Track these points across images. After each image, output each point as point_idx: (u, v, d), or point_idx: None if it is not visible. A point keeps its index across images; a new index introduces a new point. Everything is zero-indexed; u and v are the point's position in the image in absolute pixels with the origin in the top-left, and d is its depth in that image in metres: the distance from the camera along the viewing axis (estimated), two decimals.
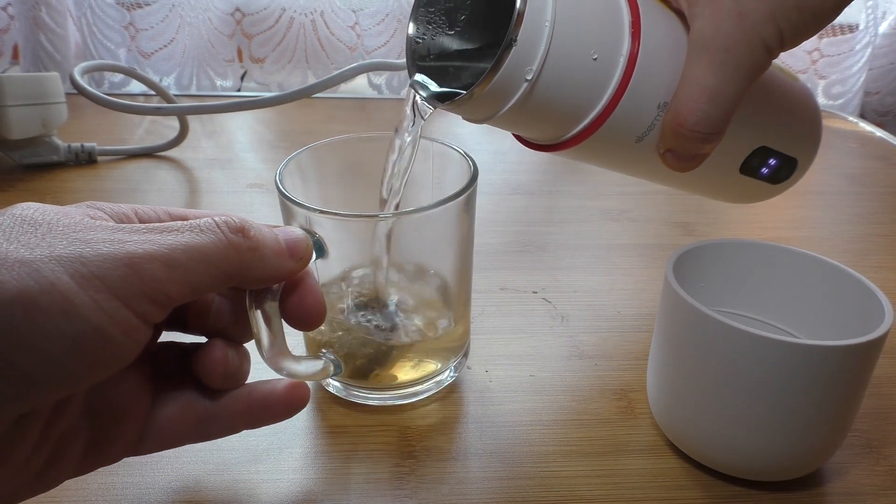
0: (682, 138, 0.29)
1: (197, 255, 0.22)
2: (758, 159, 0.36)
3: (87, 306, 0.20)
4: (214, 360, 0.26)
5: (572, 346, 0.40)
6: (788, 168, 0.38)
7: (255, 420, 0.28)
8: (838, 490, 0.31)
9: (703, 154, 0.30)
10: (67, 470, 0.24)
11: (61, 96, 0.62)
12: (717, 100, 0.28)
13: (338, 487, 0.30)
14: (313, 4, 0.89)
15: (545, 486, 0.30)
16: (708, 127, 0.28)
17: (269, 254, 0.25)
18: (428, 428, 0.34)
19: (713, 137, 0.29)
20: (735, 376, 0.28)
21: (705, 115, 0.28)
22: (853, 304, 0.31)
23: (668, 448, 0.33)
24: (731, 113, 0.29)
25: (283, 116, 0.80)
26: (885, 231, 0.57)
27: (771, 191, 0.39)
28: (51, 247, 0.20)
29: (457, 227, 0.33)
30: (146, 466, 0.30)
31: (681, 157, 0.31)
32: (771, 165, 0.37)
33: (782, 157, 0.37)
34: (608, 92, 0.28)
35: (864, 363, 0.28)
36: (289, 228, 0.27)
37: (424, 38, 0.29)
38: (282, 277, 0.26)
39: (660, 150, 0.31)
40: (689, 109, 0.28)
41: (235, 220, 0.24)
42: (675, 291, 0.30)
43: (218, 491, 0.30)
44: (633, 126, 0.30)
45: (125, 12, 0.88)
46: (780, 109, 0.36)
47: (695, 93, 0.28)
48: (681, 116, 0.29)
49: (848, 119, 0.89)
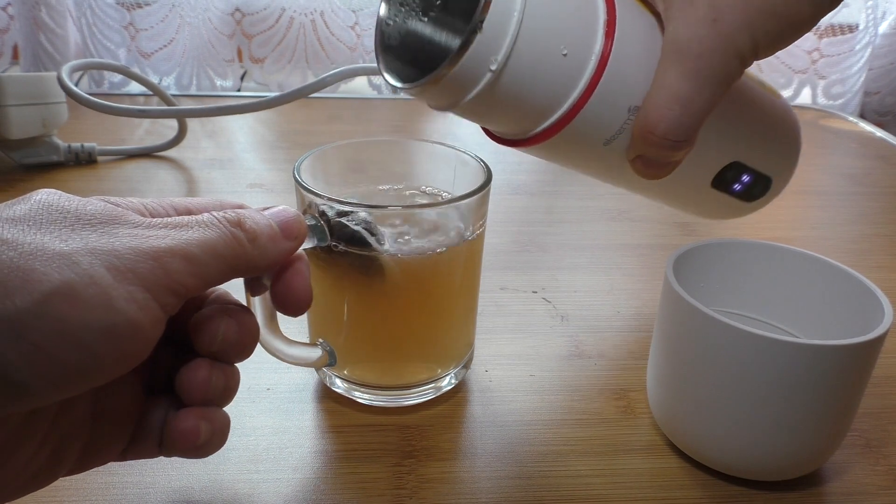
0: (652, 144, 0.29)
1: (209, 250, 0.23)
2: (731, 174, 0.35)
3: (123, 298, 0.20)
4: (196, 382, 0.26)
5: (572, 345, 0.40)
6: (762, 186, 0.37)
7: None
8: (838, 490, 0.31)
9: (673, 162, 0.30)
10: (61, 471, 0.24)
11: (61, 96, 0.62)
12: (688, 107, 0.28)
13: (338, 487, 0.30)
14: (313, 4, 0.89)
15: (545, 485, 0.30)
16: (678, 134, 0.28)
17: (266, 241, 0.25)
18: (428, 428, 0.34)
19: (683, 145, 0.29)
20: (735, 376, 0.28)
21: (676, 122, 0.28)
22: (853, 304, 0.31)
23: (667, 448, 0.33)
24: (701, 121, 0.28)
25: (283, 117, 0.80)
26: (885, 231, 0.57)
27: (743, 208, 0.38)
28: (84, 239, 0.21)
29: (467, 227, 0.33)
30: (146, 466, 0.30)
31: (650, 164, 0.30)
32: (744, 182, 0.36)
33: (756, 175, 0.36)
34: (577, 91, 0.28)
35: (864, 363, 0.28)
36: (279, 209, 0.27)
37: (396, 20, 0.29)
38: (280, 260, 0.26)
39: (629, 155, 0.30)
40: (660, 115, 0.28)
41: (231, 213, 0.25)
42: (675, 291, 0.30)
43: (218, 490, 0.30)
44: (601, 128, 0.29)
45: (125, 12, 0.88)
46: (756, 125, 0.36)
47: (665, 99, 0.28)
48: (650, 122, 0.28)
49: (848, 119, 0.89)
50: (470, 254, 0.34)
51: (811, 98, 0.98)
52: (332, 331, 0.34)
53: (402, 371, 0.34)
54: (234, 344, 0.27)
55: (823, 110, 0.93)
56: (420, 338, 0.34)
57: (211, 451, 0.27)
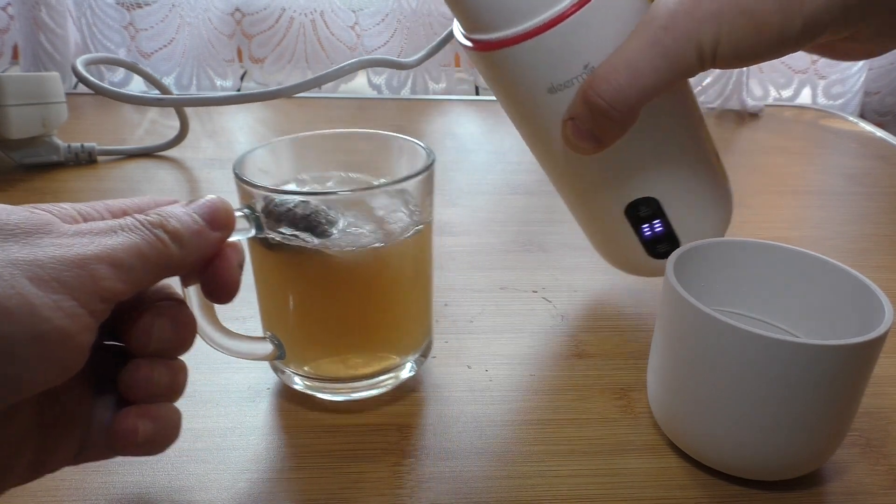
0: (590, 105, 0.29)
1: (135, 254, 0.23)
2: (646, 211, 0.36)
3: (49, 307, 0.20)
4: (136, 381, 0.26)
5: (572, 345, 0.40)
6: (669, 245, 0.37)
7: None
8: (838, 490, 0.31)
9: (601, 138, 0.30)
10: (10, 480, 0.24)
11: (61, 96, 0.62)
12: (635, 77, 0.28)
13: (338, 487, 0.30)
14: (313, 4, 0.89)
15: (545, 485, 0.30)
16: (617, 101, 0.28)
17: (191, 237, 0.25)
18: (428, 427, 0.34)
19: (617, 120, 0.29)
20: (735, 376, 0.28)
21: (617, 88, 0.28)
22: (853, 304, 0.31)
23: (667, 447, 0.33)
24: (641, 98, 0.28)
25: (283, 116, 0.80)
26: (885, 231, 0.57)
27: (644, 261, 0.38)
28: (5, 252, 0.21)
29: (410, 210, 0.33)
30: (146, 466, 0.31)
31: (579, 132, 0.30)
32: (654, 229, 0.37)
33: (668, 230, 0.37)
34: (550, 11, 0.28)
35: (864, 363, 0.28)
36: (205, 200, 0.27)
37: None
38: (210, 252, 0.26)
39: (564, 115, 0.31)
40: (607, 76, 0.28)
41: (154, 215, 0.25)
42: (675, 291, 0.30)
43: (217, 490, 0.30)
44: (554, 68, 0.30)
45: (125, 12, 0.88)
46: (694, 180, 0.36)
47: (618, 63, 0.28)
48: (596, 81, 0.29)
49: (848, 119, 0.89)
50: (417, 243, 0.33)
51: (811, 98, 0.98)
52: (280, 324, 0.34)
53: (354, 363, 0.34)
54: (169, 341, 0.26)
55: (823, 110, 0.94)
56: (367, 329, 0.34)
57: (158, 449, 0.26)
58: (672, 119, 0.35)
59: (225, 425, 0.33)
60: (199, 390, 0.35)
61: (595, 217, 0.38)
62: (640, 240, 0.37)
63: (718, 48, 0.27)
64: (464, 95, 0.95)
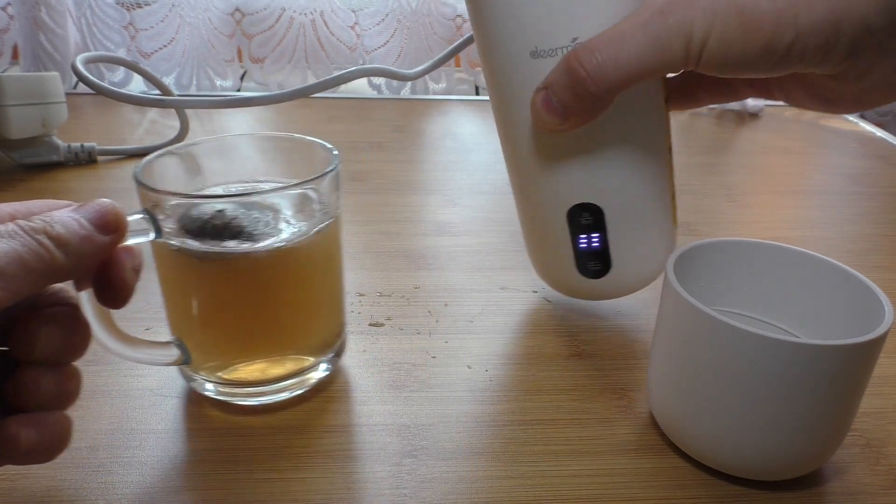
0: (569, 72, 0.29)
1: (16, 262, 0.22)
2: (588, 218, 0.35)
3: None
4: (21, 389, 0.25)
5: (572, 345, 0.40)
6: (600, 265, 0.37)
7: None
8: (838, 490, 0.31)
9: (570, 112, 0.30)
10: None
11: (61, 96, 0.62)
12: (620, 55, 0.28)
13: (337, 487, 0.30)
14: (313, 4, 0.89)
15: (545, 485, 0.30)
16: (596, 73, 0.28)
17: (78, 243, 0.24)
18: (428, 427, 0.34)
19: (592, 92, 0.29)
20: (735, 376, 0.28)
21: (602, 61, 0.28)
22: (853, 304, 0.31)
23: (668, 448, 0.33)
24: (621, 78, 0.28)
25: (283, 117, 0.80)
26: (885, 231, 0.57)
27: (571, 275, 0.38)
28: None
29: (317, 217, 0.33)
30: (146, 466, 0.31)
31: (549, 104, 0.30)
32: (591, 242, 0.36)
33: (604, 248, 0.36)
34: None
35: (864, 363, 0.28)
36: (94, 203, 0.26)
37: None
38: (99, 257, 0.26)
39: (539, 85, 0.31)
40: (592, 48, 0.28)
41: (38, 221, 0.24)
42: (676, 291, 0.30)
43: (217, 490, 0.30)
44: (540, 32, 0.30)
45: (125, 12, 0.88)
46: (645, 205, 0.36)
47: (607, 38, 0.28)
48: (582, 50, 0.29)
49: (848, 119, 0.89)
50: (323, 241, 0.33)
51: None
52: (185, 328, 0.33)
53: (264, 366, 0.34)
54: (58, 348, 0.26)
55: None
56: (276, 330, 0.33)
57: (46, 457, 0.26)
58: (643, 134, 0.35)
59: (224, 425, 0.33)
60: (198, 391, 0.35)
61: (538, 213, 0.37)
62: (573, 250, 0.37)
63: (707, 44, 0.27)
64: (464, 95, 0.95)
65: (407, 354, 0.39)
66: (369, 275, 0.47)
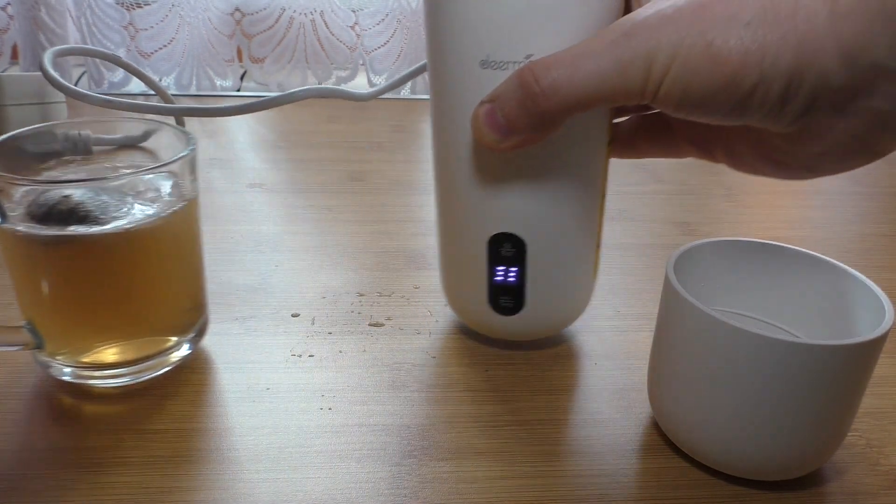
0: (522, 85, 0.27)
1: None
2: (508, 250, 0.34)
3: None
4: None
5: (572, 345, 0.40)
6: (512, 302, 0.36)
7: None
8: (838, 490, 0.31)
9: (514, 130, 0.29)
10: None
11: (61, 96, 0.62)
12: (577, 74, 0.26)
13: (337, 487, 0.30)
14: (313, 4, 0.89)
15: (545, 485, 0.30)
16: (550, 90, 0.27)
17: None
18: (428, 427, 0.34)
19: (543, 109, 0.27)
20: (735, 376, 0.28)
21: (557, 78, 0.27)
22: (853, 304, 0.31)
23: (668, 448, 0.33)
24: (575, 99, 0.27)
25: (283, 116, 0.80)
26: (885, 231, 0.57)
27: (481, 308, 0.36)
28: None
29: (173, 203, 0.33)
30: (146, 466, 0.30)
31: (493, 118, 0.29)
32: (508, 276, 0.35)
33: (520, 285, 0.35)
34: None
35: (864, 363, 0.28)
36: None
37: None
38: None
39: (485, 98, 0.29)
40: (549, 64, 0.27)
41: None
42: (676, 291, 0.30)
43: (217, 490, 0.30)
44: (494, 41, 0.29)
45: (125, 12, 0.88)
46: (569, 246, 0.35)
47: (566, 56, 0.27)
48: (537, 65, 0.27)
49: None
50: (177, 222, 0.34)
51: None
52: (36, 312, 0.33)
53: (123, 348, 0.34)
54: None
55: None
56: (135, 310, 0.34)
57: None
58: (581, 173, 0.33)
59: (224, 425, 0.33)
60: (198, 391, 0.35)
61: (459, 236, 0.36)
62: (488, 281, 0.35)
63: (669, 72, 0.25)
64: None
65: (407, 354, 0.39)
66: (369, 275, 0.47)
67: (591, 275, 0.38)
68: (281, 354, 0.38)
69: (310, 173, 0.63)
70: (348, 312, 0.42)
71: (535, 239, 0.34)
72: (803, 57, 0.24)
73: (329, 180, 0.62)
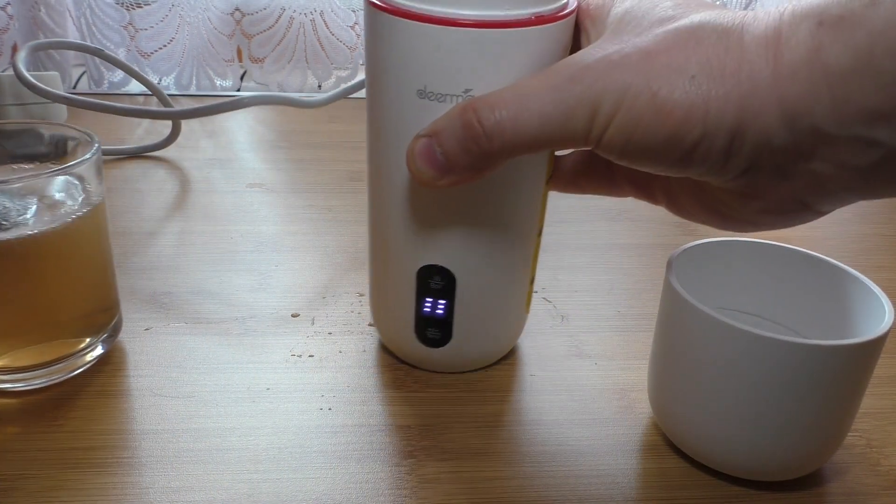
0: (464, 124, 0.26)
1: None
2: (437, 283, 0.33)
3: None
4: None
5: (572, 345, 0.40)
6: (439, 334, 0.35)
7: None
8: (838, 490, 0.31)
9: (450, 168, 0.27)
10: None
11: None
12: (520, 118, 0.25)
13: (337, 487, 0.30)
14: (313, 4, 0.89)
15: (545, 485, 0.30)
16: (492, 131, 0.26)
17: None
18: (428, 428, 0.34)
19: (484, 150, 0.26)
20: (735, 376, 0.28)
21: (500, 119, 0.26)
22: (853, 304, 0.31)
23: (668, 448, 0.33)
24: (517, 141, 0.26)
25: (283, 116, 0.80)
26: (885, 231, 0.57)
27: (407, 339, 0.36)
28: None
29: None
30: (146, 466, 0.30)
31: (430, 154, 0.27)
32: (435, 309, 0.34)
33: (447, 320, 0.34)
34: (451, 9, 0.27)
35: (864, 363, 0.28)
36: None
37: None
38: None
39: (421, 132, 0.28)
40: (492, 104, 0.26)
41: None
42: (676, 291, 0.30)
43: (217, 490, 0.30)
44: (433, 73, 0.28)
45: (124, 12, 0.88)
46: (500, 282, 0.34)
47: (510, 96, 0.26)
48: (479, 103, 0.26)
49: None
50: (86, 224, 0.34)
51: None
52: None
53: (36, 350, 0.34)
54: None
55: None
56: (31, 317, 0.34)
57: None
58: (517, 209, 0.33)
59: (224, 425, 0.33)
60: (198, 391, 0.35)
61: (390, 264, 0.35)
62: (416, 312, 0.35)
63: (613, 120, 0.25)
64: None
65: None
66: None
67: (522, 309, 0.37)
68: (281, 354, 0.38)
69: (310, 173, 0.63)
70: (348, 312, 0.42)
71: (465, 273, 0.33)
72: (746, 114, 0.23)
73: (329, 180, 0.62)
